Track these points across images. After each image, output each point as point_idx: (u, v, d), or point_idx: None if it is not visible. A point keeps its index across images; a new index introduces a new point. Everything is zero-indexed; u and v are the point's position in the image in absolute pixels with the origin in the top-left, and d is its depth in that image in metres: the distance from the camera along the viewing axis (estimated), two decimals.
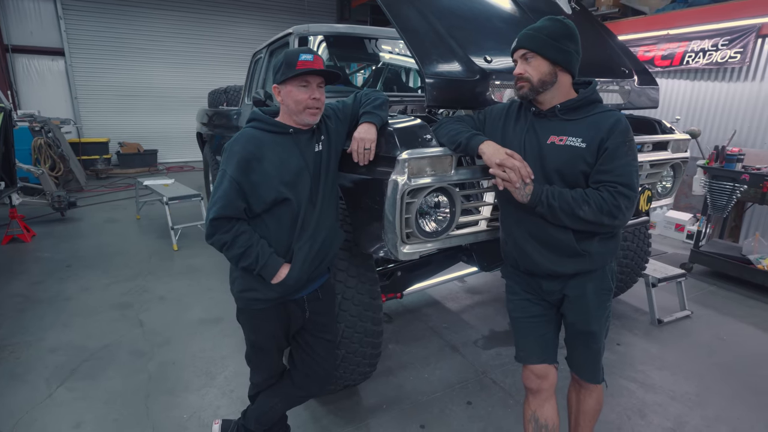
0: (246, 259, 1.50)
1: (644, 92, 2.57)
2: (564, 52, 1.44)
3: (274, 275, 1.53)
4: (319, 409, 2.31)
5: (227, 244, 1.49)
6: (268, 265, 1.52)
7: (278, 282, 1.54)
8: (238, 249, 1.49)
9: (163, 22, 10.01)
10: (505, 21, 2.37)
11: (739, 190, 3.81)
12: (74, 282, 3.84)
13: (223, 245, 1.50)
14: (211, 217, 1.47)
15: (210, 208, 1.49)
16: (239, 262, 1.51)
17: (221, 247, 1.51)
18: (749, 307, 3.58)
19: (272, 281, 1.54)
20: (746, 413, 2.34)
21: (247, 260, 1.50)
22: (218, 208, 1.46)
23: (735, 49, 4.72)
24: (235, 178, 1.46)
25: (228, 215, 1.47)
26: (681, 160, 2.52)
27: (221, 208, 1.46)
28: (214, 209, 1.47)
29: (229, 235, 1.48)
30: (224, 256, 1.55)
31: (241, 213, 1.50)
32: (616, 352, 2.87)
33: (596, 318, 1.57)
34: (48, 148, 6.59)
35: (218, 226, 1.48)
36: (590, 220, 1.42)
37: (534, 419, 1.66)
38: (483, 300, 3.63)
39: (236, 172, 1.47)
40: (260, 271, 1.52)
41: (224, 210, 1.46)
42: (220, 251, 1.54)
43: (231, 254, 1.51)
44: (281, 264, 1.54)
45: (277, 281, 1.54)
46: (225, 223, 1.48)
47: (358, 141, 1.66)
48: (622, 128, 1.43)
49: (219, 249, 1.52)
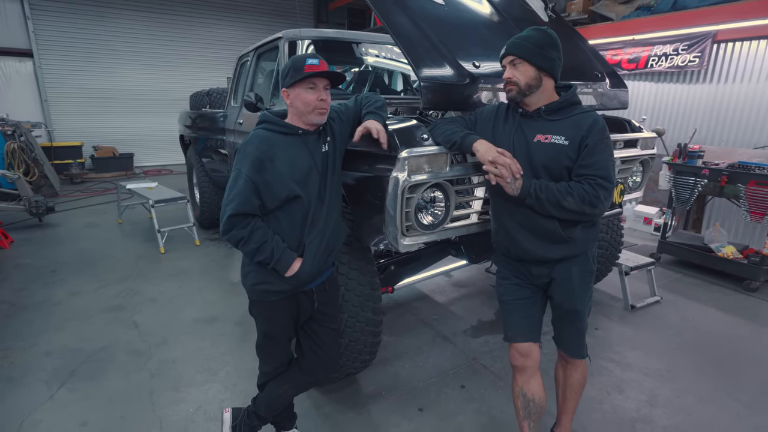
0: (261, 253, 1.59)
1: (615, 94, 2.79)
2: (548, 59, 1.61)
3: (288, 268, 1.63)
4: (321, 398, 2.42)
5: (244, 240, 1.58)
6: (283, 260, 1.61)
7: (292, 275, 1.64)
8: (254, 244, 1.58)
9: (138, 24, 9.83)
10: (489, 28, 2.55)
11: (700, 184, 4.12)
12: (61, 287, 3.80)
13: (239, 240, 1.58)
14: (228, 213, 1.55)
15: (226, 205, 1.57)
16: (255, 256, 1.61)
17: (238, 242, 1.59)
18: (711, 291, 3.88)
19: (286, 275, 1.64)
20: (710, 384, 2.58)
21: (263, 255, 1.59)
22: (235, 205, 1.55)
23: (694, 53, 5.08)
24: (251, 177, 1.56)
25: (244, 212, 1.56)
26: (649, 156, 2.75)
27: (238, 205, 1.55)
28: (231, 206, 1.55)
29: (246, 230, 1.57)
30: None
31: (256, 210, 1.59)
32: (594, 336, 3.08)
33: (580, 298, 1.75)
34: (21, 153, 6.41)
35: (235, 222, 1.57)
36: (574, 210, 1.58)
37: (522, 394, 1.81)
38: (469, 293, 3.81)
39: (251, 170, 1.56)
40: (275, 265, 1.61)
41: (241, 207, 1.55)
42: (236, 246, 1.62)
43: (247, 249, 1.60)
44: (294, 258, 1.64)
45: (290, 274, 1.64)
46: (241, 220, 1.57)
47: (372, 127, 1.76)
48: (600, 127, 1.61)
49: (235, 244, 1.61)
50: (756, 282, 3.82)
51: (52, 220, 5.83)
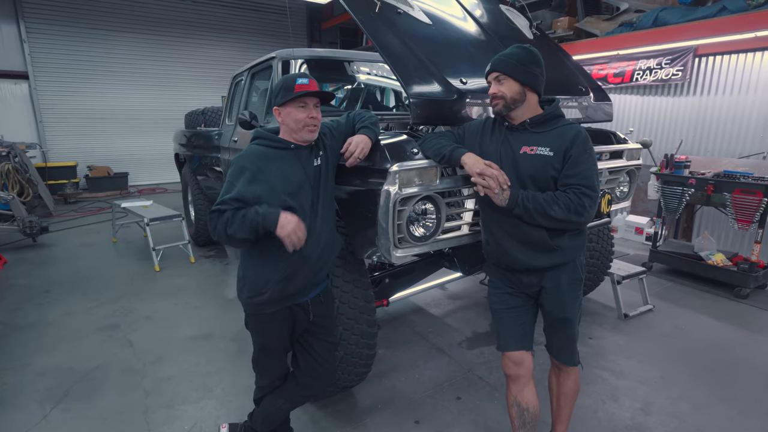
0: (247, 220, 1.54)
1: (600, 107, 2.88)
2: (531, 75, 1.68)
3: (277, 221, 1.54)
4: (317, 413, 2.41)
5: (228, 221, 1.55)
6: (269, 214, 1.54)
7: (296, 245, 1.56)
8: (239, 218, 1.55)
9: (133, 45, 9.97)
10: (475, 46, 2.64)
11: (687, 193, 4.21)
12: (55, 307, 3.78)
13: (225, 225, 1.55)
14: (210, 210, 1.60)
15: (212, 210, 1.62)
16: (243, 227, 1.54)
17: (225, 228, 1.56)
18: (703, 299, 3.93)
19: (277, 231, 1.54)
20: (704, 391, 2.60)
21: (249, 220, 1.54)
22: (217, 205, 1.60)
23: (677, 67, 5.24)
24: (241, 191, 1.60)
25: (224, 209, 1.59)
26: (635, 166, 2.82)
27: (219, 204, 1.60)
28: (214, 206, 1.60)
29: (227, 214, 1.56)
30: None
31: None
32: (588, 345, 3.10)
33: (570, 305, 1.78)
34: (16, 173, 6.42)
35: (216, 215, 1.59)
36: (560, 219, 1.63)
37: (516, 403, 1.83)
38: (464, 305, 3.83)
39: (243, 185, 1.61)
40: (263, 222, 1.53)
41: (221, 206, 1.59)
42: (225, 235, 1.58)
43: (235, 227, 1.54)
44: (279, 211, 1.56)
45: (281, 231, 1.53)
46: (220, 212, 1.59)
47: (352, 144, 1.82)
48: (582, 138, 1.67)
49: (223, 232, 1.57)
50: (746, 289, 3.87)
51: (46, 240, 5.81)
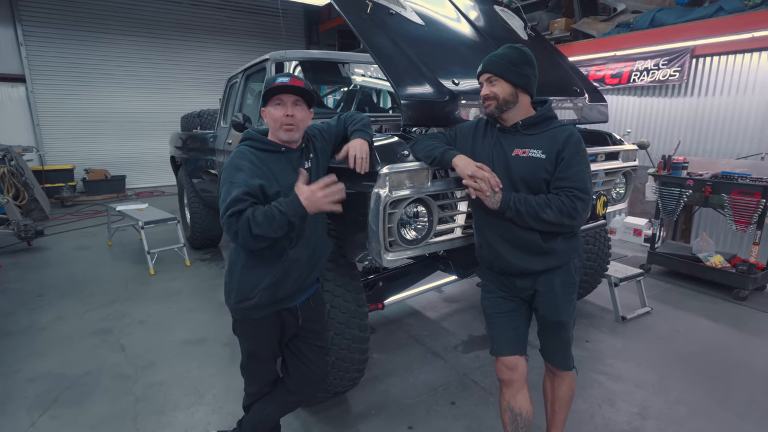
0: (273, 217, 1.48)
1: (595, 108, 2.85)
2: (523, 76, 1.65)
3: (301, 203, 1.50)
4: (309, 419, 2.38)
5: (250, 220, 1.48)
6: (291, 202, 1.51)
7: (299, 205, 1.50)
8: (261, 216, 1.48)
9: (130, 47, 9.95)
10: (468, 47, 2.61)
11: (685, 195, 4.18)
12: (48, 311, 3.75)
13: (248, 225, 1.48)
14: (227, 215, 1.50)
15: (223, 213, 1.52)
16: (272, 224, 1.48)
17: (248, 228, 1.48)
18: (701, 301, 3.90)
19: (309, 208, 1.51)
20: (702, 394, 2.57)
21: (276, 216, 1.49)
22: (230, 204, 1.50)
23: (674, 68, 5.22)
24: (249, 184, 1.53)
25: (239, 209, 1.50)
26: (631, 168, 2.80)
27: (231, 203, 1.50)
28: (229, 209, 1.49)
29: (247, 213, 1.49)
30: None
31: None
32: (585, 349, 3.07)
33: (564, 309, 1.75)
34: (11, 177, 6.39)
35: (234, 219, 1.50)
36: (553, 222, 1.60)
37: (509, 408, 1.80)
38: (460, 308, 3.79)
39: (246, 179, 1.54)
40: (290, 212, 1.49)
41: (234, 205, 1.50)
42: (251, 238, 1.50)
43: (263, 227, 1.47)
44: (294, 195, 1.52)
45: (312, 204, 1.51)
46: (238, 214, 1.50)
47: (356, 150, 1.77)
48: (575, 140, 1.64)
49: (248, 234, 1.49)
50: (744, 291, 3.84)
51: (42, 244, 5.78)
